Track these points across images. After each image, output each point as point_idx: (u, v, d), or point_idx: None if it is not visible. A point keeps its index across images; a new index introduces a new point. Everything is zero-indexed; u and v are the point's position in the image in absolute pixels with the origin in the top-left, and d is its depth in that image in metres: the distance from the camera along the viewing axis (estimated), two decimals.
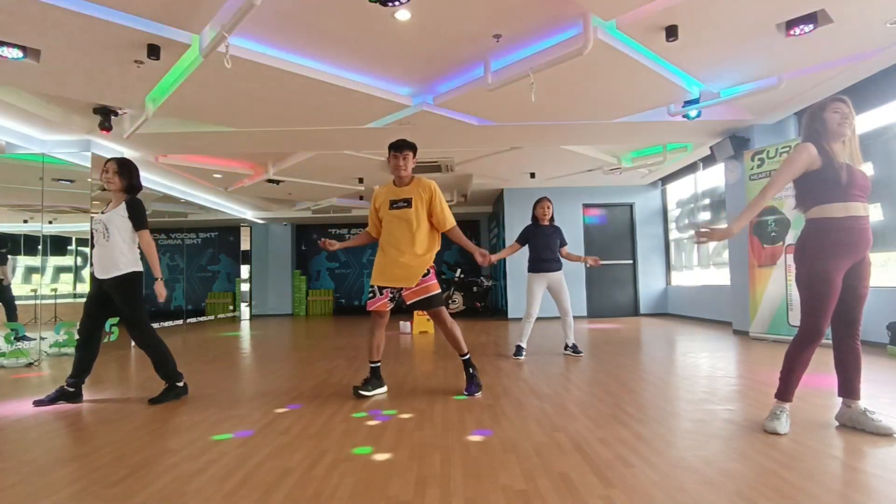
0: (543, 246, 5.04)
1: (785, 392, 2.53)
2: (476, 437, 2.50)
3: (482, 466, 2.11)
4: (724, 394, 3.31)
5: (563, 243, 5.18)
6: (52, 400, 3.40)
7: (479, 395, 3.44)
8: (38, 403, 3.38)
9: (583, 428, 2.62)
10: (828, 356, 4.69)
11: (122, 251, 3.40)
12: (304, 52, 4.25)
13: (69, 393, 3.45)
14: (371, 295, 3.51)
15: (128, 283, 3.42)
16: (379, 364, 3.59)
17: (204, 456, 2.32)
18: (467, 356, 3.56)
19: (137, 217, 3.45)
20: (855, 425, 2.49)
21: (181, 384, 3.54)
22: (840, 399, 2.58)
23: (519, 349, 5.06)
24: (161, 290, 3.42)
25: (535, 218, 5.22)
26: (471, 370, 3.54)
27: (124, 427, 2.82)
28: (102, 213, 3.51)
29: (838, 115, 2.47)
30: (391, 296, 3.49)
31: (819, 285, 2.43)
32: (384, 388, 3.62)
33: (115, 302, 3.45)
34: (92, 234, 3.56)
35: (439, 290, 3.50)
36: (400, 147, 3.49)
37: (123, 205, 3.45)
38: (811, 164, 2.46)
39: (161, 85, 4.71)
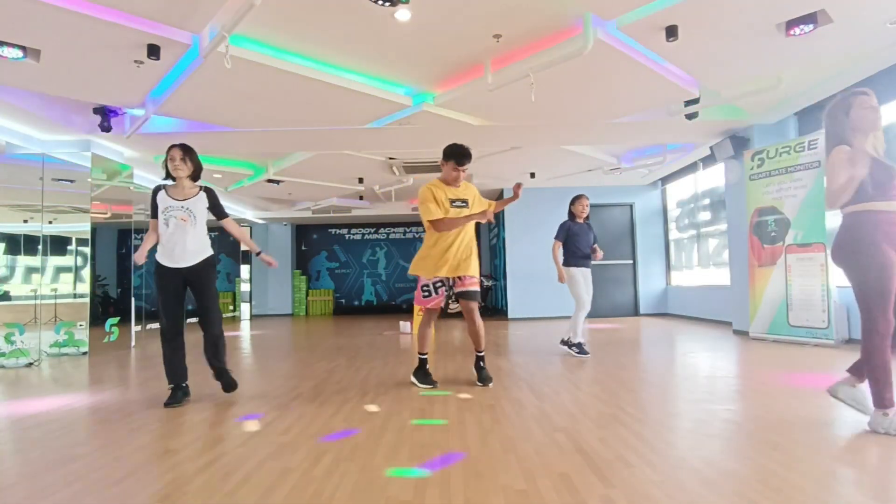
0: (584, 242, 5.10)
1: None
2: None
3: (482, 466, 2.11)
4: (724, 394, 3.31)
5: (596, 240, 5.25)
6: (180, 400, 3.35)
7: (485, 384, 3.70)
8: (169, 405, 3.28)
9: (583, 428, 2.62)
10: (828, 355, 4.74)
11: (204, 236, 3.45)
12: (303, 51, 4.25)
13: (188, 392, 3.48)
14: (427, 294, 3.68)
15: (213, 266, 3.49)
16: (427, 355, 3.82)
17: (204, 456, 2.32)
18: (482, 353, 3.81)
19: (220, 207, 3.52)
20: (854, 405, 2.50)
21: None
22: (845, 376, 2.55)
23: (581, 346, 4.96)
24: (271, 259, 3.64)
25: (572, 214, 5.24)
26: (481, 364, 3.80)
27: (124, 427, 2.82)
28: (174, 198, 3.34)
29: (871, 112, 2.36)
30: (447, 291, 3.72)
31: (889, 278, 2.27)
32: (433, 385, 3.73)
33: (195, 288, 3.42)
34: (163, 219, 3.32)
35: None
36: (467, 160, 3.65)
37: (203, 195, 3.43)
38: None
39: (161, 85, 4.71)
